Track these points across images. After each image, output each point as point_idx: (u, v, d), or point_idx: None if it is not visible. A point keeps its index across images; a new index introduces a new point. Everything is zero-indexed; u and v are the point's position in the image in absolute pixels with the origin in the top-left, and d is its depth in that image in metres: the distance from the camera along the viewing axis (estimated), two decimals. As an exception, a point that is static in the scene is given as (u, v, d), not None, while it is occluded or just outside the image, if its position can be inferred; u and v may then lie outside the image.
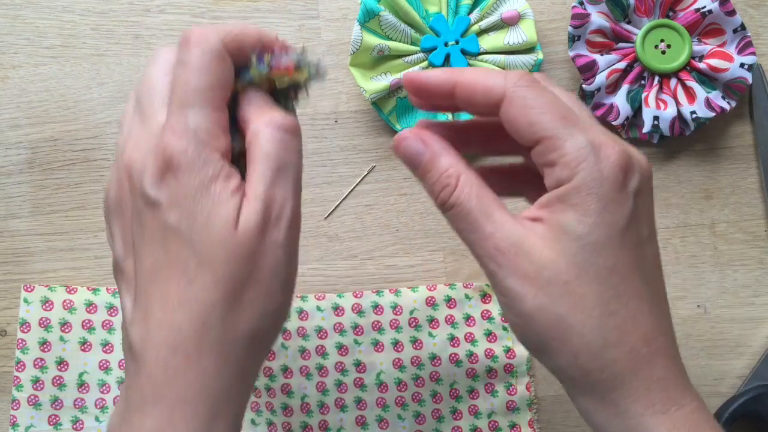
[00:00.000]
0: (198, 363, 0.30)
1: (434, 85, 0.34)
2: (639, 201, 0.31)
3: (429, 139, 0.34)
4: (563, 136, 0.31)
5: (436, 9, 0.54)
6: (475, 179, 0.32)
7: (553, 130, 0.31)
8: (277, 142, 0.32)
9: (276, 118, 0.32)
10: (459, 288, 0.54)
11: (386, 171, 0.55)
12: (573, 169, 0.30)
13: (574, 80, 0.56)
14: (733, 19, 0.53)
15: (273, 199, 0.31)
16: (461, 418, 0.53)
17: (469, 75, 0.33)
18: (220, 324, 0.30)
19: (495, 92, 0.32)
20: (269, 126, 0.32)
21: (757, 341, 0.54)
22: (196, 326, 0.30)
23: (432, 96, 0.34)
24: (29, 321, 0.52)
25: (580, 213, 0.30)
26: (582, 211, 0.30)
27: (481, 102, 0.32)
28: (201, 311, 0.30)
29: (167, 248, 0.31)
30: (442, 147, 0.33)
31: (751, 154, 0.56)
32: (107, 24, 0.56)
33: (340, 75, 0.56)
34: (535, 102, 0.31)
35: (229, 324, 0.31)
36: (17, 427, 0.51)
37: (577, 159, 0.30)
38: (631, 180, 0.31)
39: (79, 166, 0.55)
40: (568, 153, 0.30)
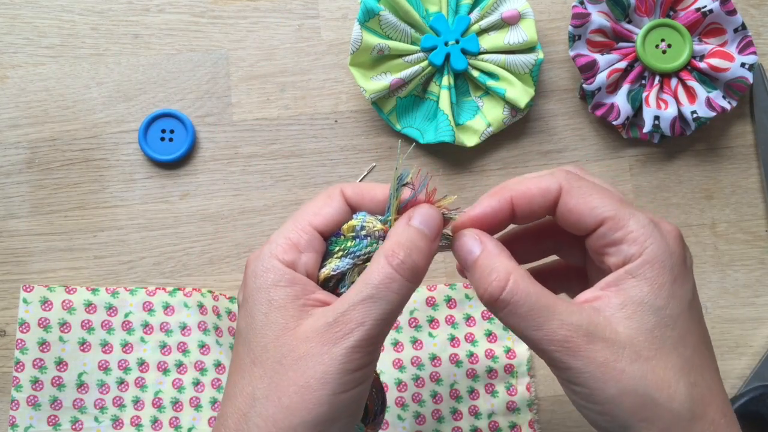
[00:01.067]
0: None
1: (491, 211, 0.34)
2: (693, 275, 0.33)
3: (485, 237, 0.34)
4: (626, 216, 0.32)
5: (436, 8, 0.54)
6: (529, 276, 0.32)
7: (616, 211, 0.32)
8: (383, 275, 0.32)
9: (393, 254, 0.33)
10: (459, 288, 0.54)
11: (386, 171, 0.55)
12: (642, 244, 0.31)
13: (574, 80, 0.56)
14: (733, 18, 0.53)
15: (349, 318, 0.32)
16: (461, 418, 0.52)
17: (520, 186, 0.34)
18: (259, 419, 0.32)
19: (552, 190, 0.33)
20: (386, 257, 0.33)
21: (758, 341, 0.54)
22: (237, 418, 0.32)
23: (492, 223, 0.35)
24: (28, 321, 0.52)
25: (656, 286, 0.31)
26: (657, 284, 0.31)
27: (540, 204, 0.34)
28: (243, 404, 0.32)
29: (236, 347, 0.34)
30: (496, 245, 0.34)
31: (751, 153, 0.55)
32: (106, 23, 0.56)
33: (340, 75, 0.56)
34: (591, 189, 0.33)
35: (267, 419, 0.31)
36: (16, 428, 0.51)
37: (644, 235, 0.31)
38: (687, 254, 0.33)
39: (78, 165, 0.55)
40: (634, 230, 0.31)
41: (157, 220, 0.55)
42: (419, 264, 0.33)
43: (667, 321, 0.30)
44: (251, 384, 0.32)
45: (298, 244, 0.34)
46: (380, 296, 0.32)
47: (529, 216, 0.35)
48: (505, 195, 0.34)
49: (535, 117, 0.56)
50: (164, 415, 0.52)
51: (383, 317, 0.32)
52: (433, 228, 0.34)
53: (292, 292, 0.33)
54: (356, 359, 0.32)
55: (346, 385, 0.32)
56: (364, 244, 0.34)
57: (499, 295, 0.32)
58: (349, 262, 0.34)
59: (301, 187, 0.55)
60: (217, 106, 0.56)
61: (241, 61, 0.56)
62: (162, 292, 0.54)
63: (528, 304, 0.31)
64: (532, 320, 0.31)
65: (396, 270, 0.32)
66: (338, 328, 0.32)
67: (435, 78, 0.54)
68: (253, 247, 0.55)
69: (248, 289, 0.34)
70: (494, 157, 0.56)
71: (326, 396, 0.31)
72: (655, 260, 0.31)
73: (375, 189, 0.36)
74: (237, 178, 0.55)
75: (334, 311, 0.32)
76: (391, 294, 0.32)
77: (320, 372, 0.31)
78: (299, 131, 0.56)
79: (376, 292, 0.32)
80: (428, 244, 0.34)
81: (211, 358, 0.52)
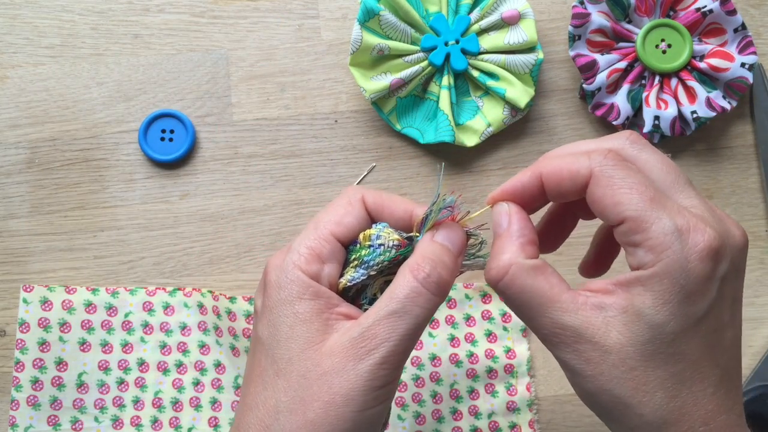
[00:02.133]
0: None
1: (521, 187, 0.34)
2: (725, 287, 0.31)
3: (514, 216, 0.33)
4: (649, 219, 0.30)
5: (436, 8, 0.54)
6: (533, 268, 0.32)
7: (640, 212, 0.30)
8: (409, 289, 0.32)
9: (419, 268, 0.33)
10: (459, 288, 0.54)
11: (386, 171, 0.55)
12: (657, 255, 0.30)
13: (574, 80, 0.56)
14: (733, 18, 0.53)
15: (374, 334, 0.32)
16: (461, 418, 0.52)
17: (553, 163, 0.33)
18: (281, 431, 0.32)
19: (581, 175, 0.32)
20: (411, 271, 0.33)
21: (758, 341, 0.54)
22: (258, 428, 0.32)
23: (524, 199, 0.34)
24: (28, 321, 0.52)
25: (660, 301, 0.30)
26: (662, 299, 0.30)
27: (569, 187, 0.32)
28: (266, 415, 0.32)
29: (255, 355, 0.34)
30: (520, 227, 0.33)
31: (751, 153, 0.55)
32: (106, 23, 0.56)
33: (340, 75, 0.56)
34: (622, 182, 0.31)
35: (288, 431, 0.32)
36: (16, 428, 0.51)
37: (662, 245, 0.30)
38: (719, 267, 0.30)
39: (78, 165, 0.55)
40: (653, 237, 0.30)
41: (157, 220, 0.55)
42: (445, 278, 0.33)
43: (664, 338, 0.30)
44: (275, 396, 0.32)
45: (321, 255, 0.34)
46: (406, 311, 0.32)
47: (558, 197, 0.33)
48: (536, 172, 0.33)
49: (535, 117, 0.56)
50: (164, 415, 0.52)
51: (409, 333, 0.32)
52: (456, 244, 0.34)
53: (317, 306, 0.33)
54: (382, 376, 0.32)
55: (370, 403, 0.32)
56: (377, 253, 0.34)
57: (495, 284, 0.32)
58: (363, 273, 0.34)
59: (301, 187, 0.55)
60: (217, 106, 0.56)
61: (241, 61, 0.56)
62: (162, 292, 0.54)
63: (520, 299, 0.31)
64: (524, 313, 0.32)
65: (422, 284, 0.32)
66: (364, 344, 0.32)
67: (435, 78, 0.54)
68: (253, 248, 0.55)
69: (271, 300, 0.34)
70: (494, 157, 0.56)
71: (350, 413, 0.31)
72: (665, 275, 0.29)
73: (395, 202, 0.35)
74: (237, 178, 0.55)
75: (360, 326, 0.32)
76: (417, 308, 0.32)
77: (346, 389, 0.31)
78: (299, 131, 0.56)
79: (401, 306, 0.32)
80: (453, 259, 0.34)
81: (211, 358, 0.52)
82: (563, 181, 0.32)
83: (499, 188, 0.34)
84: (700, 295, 0.30)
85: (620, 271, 0.32)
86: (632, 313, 0.30)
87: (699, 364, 0.30)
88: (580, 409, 0.53)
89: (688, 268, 0.29)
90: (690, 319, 0.30)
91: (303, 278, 0.33)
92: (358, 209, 0.35)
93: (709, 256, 0.30)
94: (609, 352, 0.30)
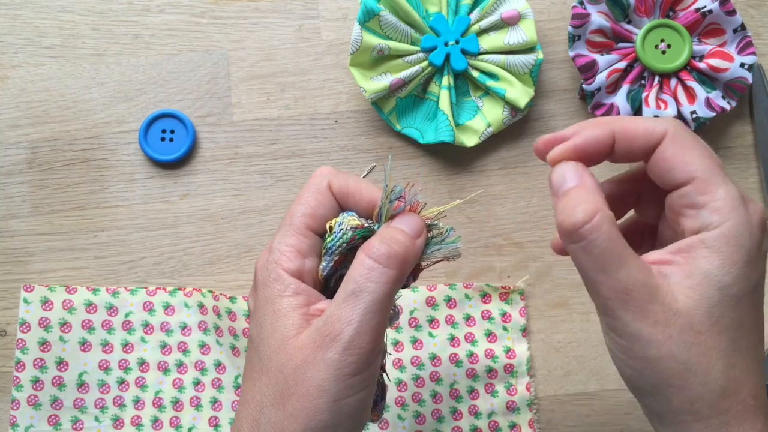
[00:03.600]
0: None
1: (594, 141, 0.33)
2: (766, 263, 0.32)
3: (585, 173, 0.33)
4: (717, 182, 0.31)
5: (436, 9, 0.54)
6: (613, 220, 0.31)
7: (709, 174, 0.31)
8: (362, 266, 0.33)
9: (371, 246, 0.33)
10: (459, 288, 0.54)
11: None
12: (724, 216, 0.30)
13: (574, 80, 0.56)
14: (733, 18, 0.53)
15: (336, 319, 0.32)
16: (461, 418, 0.52)
17: (628, 121, 0.33)
18: (269, 426, 0.33)
19: (657, 132, 0.32)
20: (363, 251, 0.33)
21: (758, 341, 0.54)
22: (250, 424, 0.33)
23: (592, 155, 0.34)
24: (29, 321, 0.52)
25: (728, 262, 0.30)
26: (730, 260, 0.30)
27: (640, 144, 0.32)
28: (254, 410, 0.34)
29: (249, 354, 0.36)
30: (595, 184, 0.33)
31: (751, 154, 0.56)
32: (107, 24, 0.56)
33: (340, 75, 0.56)
34: (694, 144, 0.32)
35: (276, 426, 0.33)
36: (17, 427, 0.51)
37: (729, 207, 0.30)
38: (765, 240, 0.31)
39: (78, 166, 0.55)
40: (720, 199, 0.30)
41: (157, 220, 0.55)
42: (396, 251, 0.33)
43: (730, 300, 0.30)
44: (260, 392, 0.33)
45: (301, 250, 0.35)
46: (362, 288, 0.32)
47: (627, 155, 0.33)
48: (609, 127, 0.33)
49: (535, 117, 0.56)
50: (165, 414, 0.52)
51: (370, 310, 0.32)
52: (413, 227, 0.35)
53: (296, 302, 0.34)
54: (351, 363, 0.32)
55: (344, 392, 0.32)
56: (337, 238, 0.35)
57: (580, 227, 0.31)
58: (329, 260, 0.35)
59: (301, 187, 0.55)
60: (217, 106, 0.56)
61: (242, 61, 0.56)
62: (162, 292, 0.54)
63: (603, 246, 0.30)
64: (601, 263, 0.31)
65: (375, 260, 0.33)
66: (327, 332, 0.32)
67: (435, 78, 0.54)
68: (253, 248, 0.55)
69: (259, 299, 0.35)
70: (494, 157, 0.56)
71: (325, 404, 0.32)
72: (733, 237, 0.30)
73: (361, 191, 0.36)
74: (237, 178, 0.55)
75: (323, 315, 0.33)
76: (372, 284, 0.32)
77: (318, 379, 0.32)
78: (299, 131, 0.56)
79: (357, 286, 0.32)
80: (407, 238, 0.34)
81: (211, 358, 0.52)
82: (638, 138, 0.32)
83: (569, 143, 0.34)
84: (756, 261, 0.31)
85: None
86: (699, 276, 0.30)
87: (751, 334, 0.31)
88: (580, 409, 0.53)
89: (751, 232, 0.30)
90: (749, 284, 0.30)
91: (284, 276, 0.34)
92: (327, 198, 0.36)
93: (763, 225, 0.31)
94: (678, 314, 0.30)
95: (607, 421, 0.53)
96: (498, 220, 0.55)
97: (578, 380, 0.53)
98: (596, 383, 0.53)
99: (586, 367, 0.54)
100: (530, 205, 0.55)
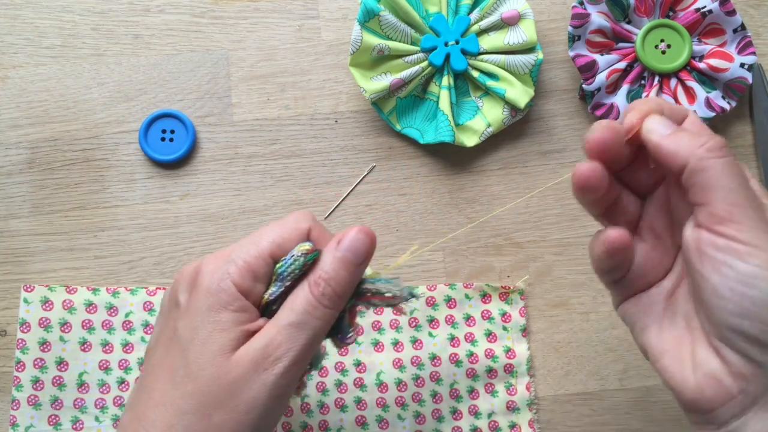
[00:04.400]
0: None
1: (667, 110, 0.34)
2: None
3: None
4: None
5: (436, 9, 0.54)
6: None
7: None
8: (307, 302, 0.35)
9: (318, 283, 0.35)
10: (459, 288, 0.54)
11: (386, 171, 0.55)
12: None
13: (574, 80, 0.56)
14: (733, 18, 0.53)
15: (278, 344, 0.34)
16: (461, 418, 0.52)
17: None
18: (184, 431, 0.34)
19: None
20: (309, 286, 0.35)
21: (757, 341, 0.54)
22: (164, 427, 0.34)
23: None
24: (29, 321, 0.52)
25: None
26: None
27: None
28: (172, 415, 0.34)
29: (169, 350, 0.35)
30: None
31: (751, 154, 0.56)
32: (107, 24, 0.56)
33: (340, 75, 0.56)
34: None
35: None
36: (17, 427, 0.51)
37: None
38: None
39: (78, 166, 0.55)
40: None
41: (157, 220, 0.55)
42: (340, 293, 0.35)
43: None
44: (182, 398, 0.34)
45: (256, 273, 0.35)
46: (304, 322, 0.34)
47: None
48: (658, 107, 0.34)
49: (534, 117, 0.56)
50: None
51: (309, 343, 0.35)
52: (359, 254, 0.36)
53: (239, 317, 0.35)
54: (283, 385, 0.34)
55: (270, 411, 0.34)
56: (287, 263, 0.36)
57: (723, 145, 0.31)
58: (280, 285, 0.36)
59: (301, 187, 0.55)
60: (217, 106, 0.56)
61: (242, 61, 0.56)
62: (162, 292, 0.54)
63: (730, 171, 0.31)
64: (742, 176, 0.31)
65: (318, 300, 0.35)
66: (268, 353, 0.34)
67: (435, 78, 0.54)
68: (253, 247, 0.55)
69: (199, 302, 0.35)
70: (494, 157, 0.56)
71: (251, 420, 0.34)
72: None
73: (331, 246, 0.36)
74: (237, 178, 0.55)
75: (264, 337, 0.34)
76: (315, 321, 0.35)
77: (250, 397, 0.34)
78: (299, 131, 0.56)
79: (300, 319, 0.34)
80: (352, 272, 0.36)
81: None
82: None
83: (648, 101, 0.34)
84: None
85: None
86: None
87: None
88: (580, 409, 0.53)
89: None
90: None
91: (233, 291, 0.35)
92: (301, 239, 0.36)
93: None
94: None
95: (607, 421, 0.53)
96: (498, 220, 0.55)
97: (578, 380, 0.53)
98: (596, 383, 0.53)
99: (586, 367, 0.54)
100: (530, 205, 0.55)
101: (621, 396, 0.53)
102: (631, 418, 0.53)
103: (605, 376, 0.53)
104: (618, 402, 0.53)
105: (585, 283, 0.54)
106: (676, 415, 0.53)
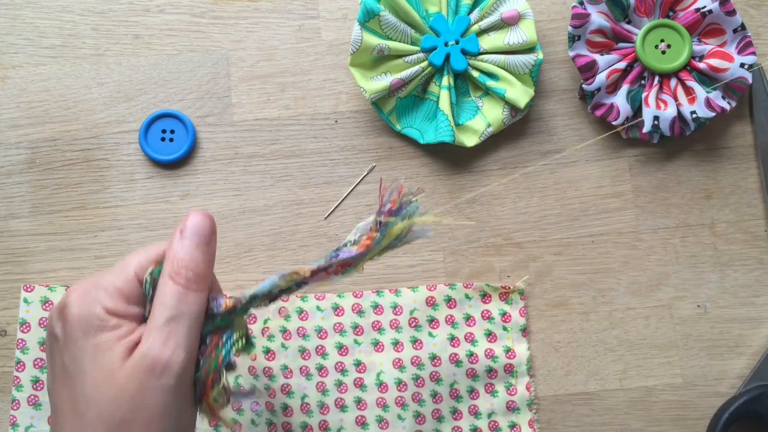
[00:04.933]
0: None
1: None
2: None
3: None
4: None
5: (436, 9, 0.54)
6: None
7: None
8: (176, 294, 0.35)
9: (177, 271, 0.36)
10: (459, 288, 0.54)
11: (386, 171, 0.55)
12: None
13: (574, 80, 0.56)
14: (733, 18, 0.53)
15: (163, 343, 0.34)
16: (461, 418, 0.53)
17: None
18: None
19: None
20: (171, 279, 0.36)
21: (757, 341, 0.54)
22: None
23: None
24: (29, 321, 0.52)
25: None
26: None
27: None
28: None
29: (65, 384, 0.35)
30: None
31: (751, 154, 0.56)
32: (107, 24, 0.56)
33: (340, 75, 0.56)
34: None
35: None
36: (17, 427, 0.51)
37: None
38: None
39: (78, 166, 0.55)
40: None
41: (157, 220, 0.55)
42: (202, 273, 0.36)
43: None
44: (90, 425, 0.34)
45: (128, 296, 0.36)
46: (180, 313, 0.35)
47: None
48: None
49: (534, 117, 0.56)
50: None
51: (191, 331, 0.35)
52: (205, 233, 0.37)
53: (118, 333, 0.35)
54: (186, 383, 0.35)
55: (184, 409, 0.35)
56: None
57: None
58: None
59: (301, 187, 0.55)
60: (217, 106, 0.56)
61: (242, 61, 0.56)
62: (162, 292, 0.54)
63: None
64: None
65: (186, 287, 0.35)
66: (158, 358, 0.34)
67: (435, 78, 0.54)
68: (253, 248, 0.55)
69: (74, 332, 0.35)
70: (494, 157, 0.56)
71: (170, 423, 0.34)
72: None
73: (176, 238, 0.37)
74: (237, 178, 0.55)
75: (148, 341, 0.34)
76: (189, 307, 0.35)
77: (158, 405, 0.34)
78: (299, 131, 0.56)
79: (175, 311, 0.35)
80: (205, 251, 0.36)
81: (211, 358, 0.52)
82: None
83: None
84: None
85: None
86: None
87: None
88: (580, 409, 0.53)
89: None
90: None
91: (103, 314, 0.35)
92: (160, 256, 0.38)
93: None
94: None
95: (607, 421, 0.53)
96: (498, 220, 0.55)
97: (578, 380, 0.53)
98: (596, 383, 0.53)
99: (586, 367, 0.54)
100: (530, 205, 0.55)
101: (621, 396, 0.53)
102: (631, 418, 0.53)
103: (605, 376, 0.53)
104: (618, 402, 0.53)
105: (585, 283, 0.54)
106: (676, 415, 0.53)
